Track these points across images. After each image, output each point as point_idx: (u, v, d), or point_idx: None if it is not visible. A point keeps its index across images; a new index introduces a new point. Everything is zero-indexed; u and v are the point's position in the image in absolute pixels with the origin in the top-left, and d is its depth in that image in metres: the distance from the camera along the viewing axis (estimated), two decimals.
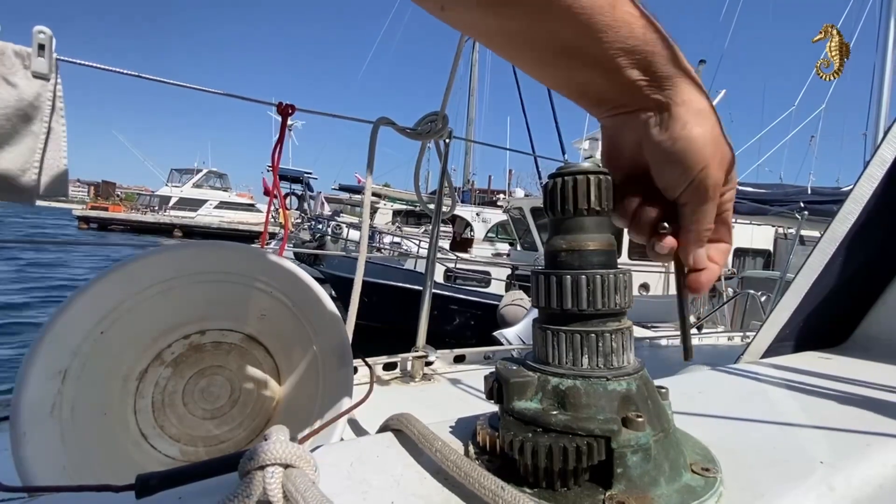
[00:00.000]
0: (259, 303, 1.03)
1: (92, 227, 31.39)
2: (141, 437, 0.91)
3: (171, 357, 0.96)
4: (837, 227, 1.10)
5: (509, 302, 6.18)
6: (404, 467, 0.45)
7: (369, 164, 1.49)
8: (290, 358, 1.07)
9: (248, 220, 32.61)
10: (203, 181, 34.89)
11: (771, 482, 0.45)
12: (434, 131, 1.60)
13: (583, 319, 0.43)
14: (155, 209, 33.77)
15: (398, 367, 1.88)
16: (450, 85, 1.72)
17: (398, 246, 10.19)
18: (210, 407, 0.99)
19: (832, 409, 0.69)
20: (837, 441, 0.58)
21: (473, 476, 0.38)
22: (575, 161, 0.50)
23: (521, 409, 0.41)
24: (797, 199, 5.75)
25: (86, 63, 1.33)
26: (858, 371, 0.91)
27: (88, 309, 0.81)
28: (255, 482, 0.33)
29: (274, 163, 1.35)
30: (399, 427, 0.50)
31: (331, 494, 0.33)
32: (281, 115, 1.40)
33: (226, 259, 0.97)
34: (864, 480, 0.48)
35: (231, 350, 1.03)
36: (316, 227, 10.00)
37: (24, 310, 8.40)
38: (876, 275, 1.16)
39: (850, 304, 1.18)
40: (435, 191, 1.98)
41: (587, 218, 0.44)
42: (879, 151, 1.07)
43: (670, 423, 0.44)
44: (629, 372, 0.42)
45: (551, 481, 0.39)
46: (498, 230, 16.48)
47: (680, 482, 0.41)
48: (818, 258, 1.11)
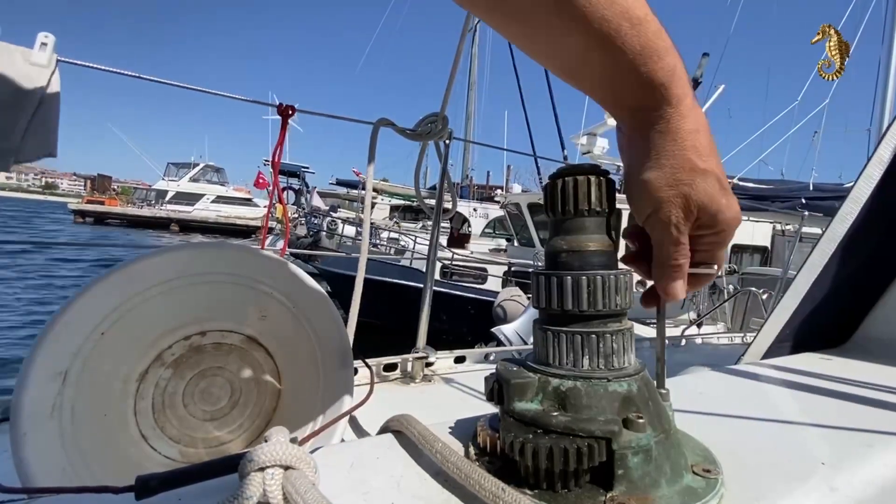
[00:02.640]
0: (260, 304, 1.03)
1: (88, 221, 31.31)
2: (141, 438, 0.91)
3: (171, 358, 0.96)
4: (837, 227, 1.09)
5: (506, 298, 6.16)
6: (404, 469, 0.44)
7: (369, 165, 1.49)
8: (291, 359, 1.06)
9: (246, 214, 32.54)
10: (200, 175, 34.81)
11: (772, 483, 0.45)
12: (434, 132, 1.60)
13: (583, 320, 0.42)
14: (151, 203, 33.68)
15: (398, 369, 1.88)
16: (450, 85, 1.72)
17: (395, 242, 10.17)
18: (210, 408, 0.99)
19: (833, 410, 0.69)
20: (839, 442, 0.58)
21: (474, 477, 0.38)
22: (573, 156, 0.50)
23: (521, 411, 0.41)
24: (799, 196, 5.74)
25: (86, 64, 1.33)
26: (859, 372, 0.91)
27: (89, 310, 0.81)
28: (255, 484, 0.33)
29: (274, 164, 1.35)
30: (399, 428, 0.50)
31: (331, 496, 0.33)
32: (281, 116, 1.40)
33: (226, 260, 0.97)
34: (866, 481, 0.48)
35: (231, 351, 1.03)
36: (311, 222, 9.97)
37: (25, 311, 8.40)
38: (876, 275, 1.16)
39: (851, 305, 1.18)
40: (432, 186, 1.97)
41: (588, 219, 0.44)
42: (878, 151, 1.07)
43: (671, 425, 0.44)
44: (630, 373, 0.42)
45: (552, 483, 0.39)
46: (496, 226, 16.46)
47: (681, 483, 0.41)
48: (818, 258, 1.11)
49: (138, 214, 31.47)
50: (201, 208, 32.70)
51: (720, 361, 0.98)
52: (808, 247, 1.17)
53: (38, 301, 9.13)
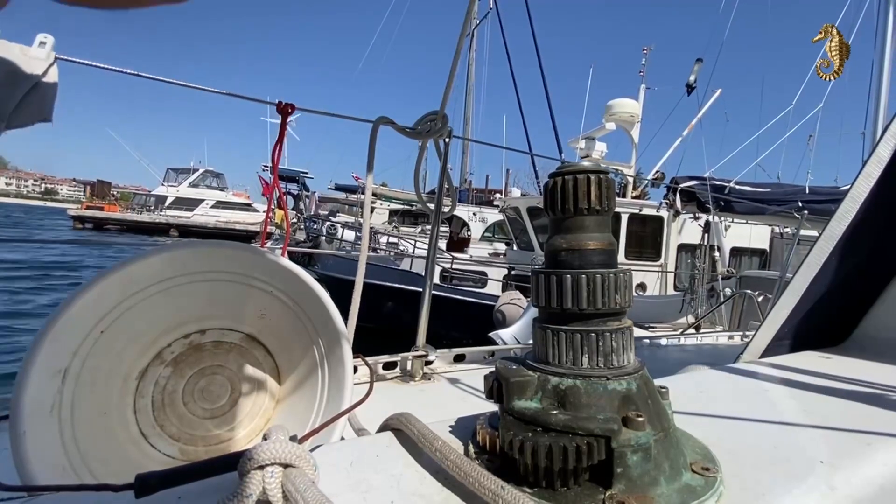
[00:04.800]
0: (259, 302, 1.03)
1: (87, 226, 31.32)
2: (141, 436, 0.91)
3: (171, 356, 0.96)
4: (835, 226, 1.09)
5: (506, 302, 6.17)
6: (404, 467, 0.45)
7: (369, 164, 1.49)
8: (290, 357, 1.06)
9: (245, 219, 32.56)
10: (199, 181, 34.82)
11: (771, 482, 0.45)
12: (434, 130, 1.60)
13: (583, 319, 0.42)
14: (151, 209, 33.68)
15: (398, 367, 1.88)
16: (449, 84, 1.72)
17: (395, 246, 10.18)
18: (210, 406, 0.99)
19: (832, 409, 0.69)
20: (838, 441, 0.58)
21: (473, 476, 0.38)
22: (572, 160, 0.50)
23: (521, 409, 0.41)
24: (795, 199, 5.76)
25: (85, 62, 1.33)
26: (859, 370, 0.91)
27: (89, 308, 0.81)
28: (255, 482, 0.33)
29: (274, 162, 1.35)
30: (399, 427, 0.50)
31: (331, 494, 0.33)
32: (280, 114, 1.40)
33: (226, 258, 0.97)
34: (865, 480, 0.48)
35: (231, 349, 1.03)
36: (311, 227, 9.99)
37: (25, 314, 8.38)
38: (875, 274, 1.16)
39: (849, 304, 1.18)
40: (431, 190, 1.98)
41: (587, 217, 0.44)
42: (877, 150, 1.07)
43: (670, 423, 0.44)
44: (629, 371, 0.42)
45: (551, 481, 0.39)
46: (495, 230, 16.47)
47: (680, 482, 0.41)
48: (816, 257, 1.11)
49: (138, 220, 31.45)
50: (201, 213, 32.70)
51: (719, 360, 0.98)
52: (806, 249, 1.18)
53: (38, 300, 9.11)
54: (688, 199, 6.94)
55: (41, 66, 1.02)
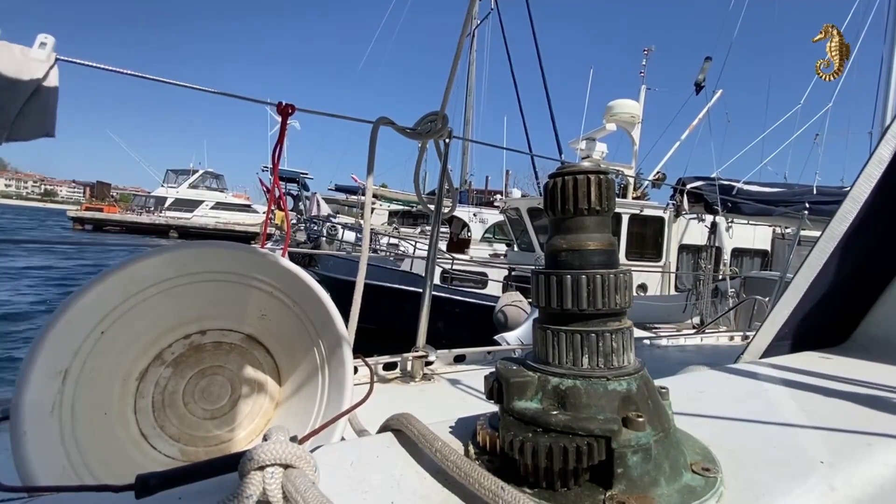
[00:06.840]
0: (260, 303, 1.03)
1: (87, 228, 31.34)
2: (141, 436, 0.91)
3: (171, 357, 0.96)
4: (836, 227, 1.09)
5: (507, 303, 6.16)
6: (404, 467, 0.45)
7: (369, 164, 1.49)
8: (291, 358, 1.06)
9: (245, 220, 32.59)
10: (199, 182, 34.86)
11: (771, 482, 0.45)
12: (434, 131, 1.60)
13: (583, 319, 0.42)
14: (151, 210, 33.71)
15: (398, 367, 1.88)
16: (449, 84, 1.72)
17: (395, 247, 10.17)
18: (210, 407, 0.99)
19: (833, 409, 0.69)
20: (838, 441, 0.58)
21: (473, 476, 0.38)
22: (572, 161, 0.50)
23: (521, 409, 0.41)
24: (802, 200, 5.75)
25: (85, 63, 1.33)
26: (859, 371, 0.91)
27: (89, 309, 0.81)
28: (255, 482, 0.33)
29: (274, 163, 1.35)
30: (399, 427, 0.50)
31: (331, 495, 0.33)
32: (280, 115, 1.40)
33: (226, 259, 0.97)
34: (865, 480, 0.48)
35: (231, 350, 1.03)
36: (311, 228, 9.98)
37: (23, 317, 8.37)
38: (875, 274, 1.16)
39: (850, 304, 1.18)
40: (432, 191, 1.97)
41: (587, 217, 0.44)
42: (878, 151, 1.07)
43: (671, 423, 0.44)
44: (629, 372, 0.42)
45: (551, 481, 0.39)
46: (495, 231, 16.47)
47: (680, 482, 0.41)
48: (816, 258, 1.11)
49: (137, 221, 31.49)
50: (200, 215, 32.73)
51: (719, 361, 0.98)
52: (807, 250, 1.17)
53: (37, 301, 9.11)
54: (695, 200, 6.93)
55: (42, 68, 1.03)
